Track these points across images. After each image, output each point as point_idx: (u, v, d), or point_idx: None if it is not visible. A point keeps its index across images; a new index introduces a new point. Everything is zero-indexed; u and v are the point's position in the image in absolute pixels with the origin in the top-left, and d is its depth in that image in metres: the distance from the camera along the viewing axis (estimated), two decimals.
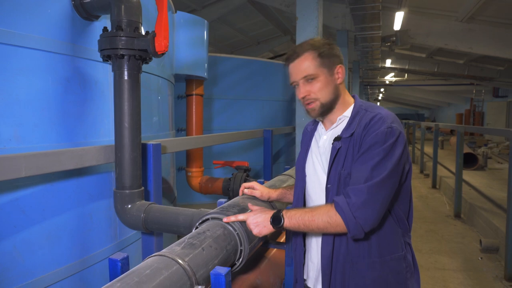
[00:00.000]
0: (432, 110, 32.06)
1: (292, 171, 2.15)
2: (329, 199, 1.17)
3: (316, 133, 1.34)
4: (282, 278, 1.63)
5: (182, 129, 4.59)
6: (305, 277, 1.32)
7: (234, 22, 11.69)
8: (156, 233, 1.67)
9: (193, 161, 3.33)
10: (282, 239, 1.83)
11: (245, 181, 3.14)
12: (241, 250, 1.19)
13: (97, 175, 1.68)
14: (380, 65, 12.61)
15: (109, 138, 1.71)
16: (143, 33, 1.54)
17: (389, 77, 17.30)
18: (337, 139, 1.20)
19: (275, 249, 1.76)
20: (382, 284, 1.15)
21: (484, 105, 17.40)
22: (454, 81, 16.89)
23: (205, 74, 3.25)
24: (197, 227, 1.24)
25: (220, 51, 13.31)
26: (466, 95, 19.44)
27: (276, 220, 1.13)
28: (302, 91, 1.21)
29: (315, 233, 1.25)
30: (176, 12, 2.97)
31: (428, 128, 16.90)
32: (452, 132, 16.04)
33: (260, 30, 12.75)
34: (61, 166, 1.32)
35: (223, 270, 0.93)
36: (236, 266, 1.19)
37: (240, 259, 1.18)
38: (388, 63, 12.22)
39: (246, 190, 1.46)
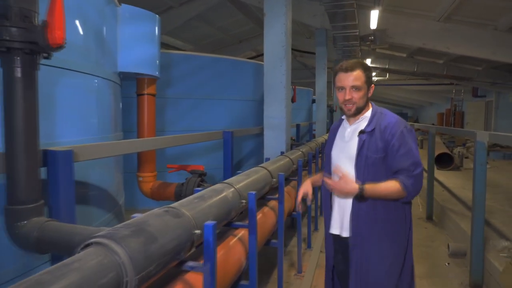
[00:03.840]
0: (415, 109, 32.48)
1: (266, 164, 2.63)
2: (357, 172, 1.62)
3: (340, 128, 1.82)
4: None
5: None
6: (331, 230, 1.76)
7: (213, 20, 11.45)
8: (54, 256, 1.45)
9: (144, 165, 3.11)
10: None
11: (198, 186, 2.94)
12: (126, 282, 0.99)
13: None
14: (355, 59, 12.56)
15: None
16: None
17: None
18: (361, 132, 1.66)
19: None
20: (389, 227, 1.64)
21: (464, 105, 17.63)
22: (435, 80, 17.04)
23: (156, 73, 3.04)
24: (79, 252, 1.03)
25: (201, 50, 13.03)
26: (447, 94, 19.69)
27: (361, 191, 1.55)
28: (347, 95, 1.64)
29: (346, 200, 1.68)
30: (120, 5, 2.75)
31: None
32: None
33: (241, 29, 12.54)
34: None
35: None
36: None
37: None
38: (368, 62, 12.17)
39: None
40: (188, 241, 1.28)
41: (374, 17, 7.02)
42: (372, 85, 1.71)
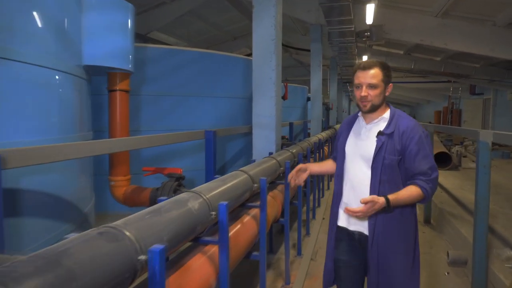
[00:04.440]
0: (412, 107, 32.35)
1: (247, 168, 2.38)
2: (373, 173, 1.66)
3: (355, 125, 1.83)
4: None
5: None
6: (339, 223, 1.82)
7: (207, 16, 11.18)
8: None
9: (116, 168, 2.85)
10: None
11: (175, 191, 2.68)
12: None
13: None
14: (357, 62, 12.32)
15: None
16: None
17: None
18: (380, 133, 1.67)
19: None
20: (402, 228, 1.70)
21: (461, 103, 17.44)
22: (432, 78, 16.86)
23: (129, 66, 2.77)
24: None
25: (195, 47, 12.73)
26: (444, 92, 19.51)
27: (388, 204, 1.57)
28: (364, 92, 1.67)
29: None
30: None
31: None
32: None
33: (235, 26, 12.25)
34: None
35: None
36: None
37: None
38: (365, 59, 11.92)
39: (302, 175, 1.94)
40: (127, 272, 1.02)
41: (370, 11, 6.76)
42: (390, 84, 1.74)
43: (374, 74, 1.66)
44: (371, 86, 1.67)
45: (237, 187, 1.99)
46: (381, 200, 1.55)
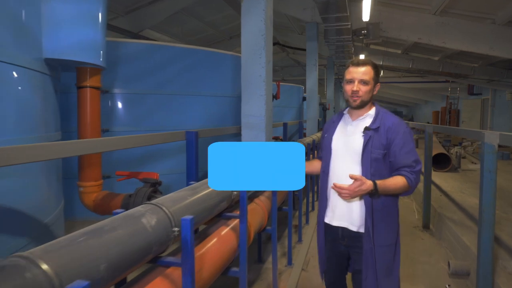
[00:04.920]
0: (410, 107, 32.20)
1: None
2: (363, 167, 1.72)
3: (341, 122, 1.89)
4: None
5: (105, 130, 3.84)
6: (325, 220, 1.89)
7: (202, 14, 10.96)
8: None
9: (86, 172, 2.59)
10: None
11: (149, 198, 2.42)
12: None
13: None
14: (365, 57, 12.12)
15: None
16: None
17: None
18: (367, 129, 1.75)
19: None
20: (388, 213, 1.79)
21: (459, 103, 17.26)
22: (430, 78, 16.68)
23: (100, 61, 2.51)
24: None
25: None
26: (442, 92, 19.34)
27: (375, 188, 1.65)
28: (355, 87, 1.76)
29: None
30: None
31: None
32: None
33: (231, 24, 12.03)
34: None
35: None
36: None
37: None
38: (362, 58, 11.69)
39: None
40: None
41: (366, 8, 6.55)
42: (378, 83, 1.81)
43: (366, 71, 1.75)
44: (363, 82, 1.74)
45: (211, 197, 1.75)
46: (369, 182, 1.62)
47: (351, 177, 1.62)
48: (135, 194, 2.45)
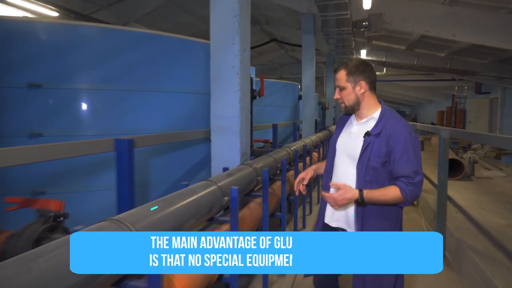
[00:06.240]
0: (413, 107, 31.34)
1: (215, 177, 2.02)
2: (358, 172, 1.67)
3: (348, 122, 1.88)
4: None
5: (38, 134, 3.07)
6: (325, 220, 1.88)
7: (194, 8, 10.24)
8: None
9: None
10: None
11: (39, 240, 1.63)
12: None
13: None
14: (354, 57, 11.28)
15: None
16: None
17: None
18: (367, 134, 1.69)
19: None
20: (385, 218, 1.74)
21: (466, 102, 16.38)
22: (435, 76, 15.86)
23: None
24: None
25: None
26: (448, 91, 18.46)
27: (361, 197, 1.60)
28: (336, 95, 1.81)
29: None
30: None
31: None
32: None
33: None
34: None
35: None
36: None
37: None
38: (363, 54, 10.89)
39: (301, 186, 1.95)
40: None
41: None
42: (361, 81, 1.71)
43: (338, 77, 1.75)
44: (340, 88, 1.75)
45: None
46: (354, 191, 1.59)
47: (332, 185, 1.64)
48: (20, 233, 1.65)
